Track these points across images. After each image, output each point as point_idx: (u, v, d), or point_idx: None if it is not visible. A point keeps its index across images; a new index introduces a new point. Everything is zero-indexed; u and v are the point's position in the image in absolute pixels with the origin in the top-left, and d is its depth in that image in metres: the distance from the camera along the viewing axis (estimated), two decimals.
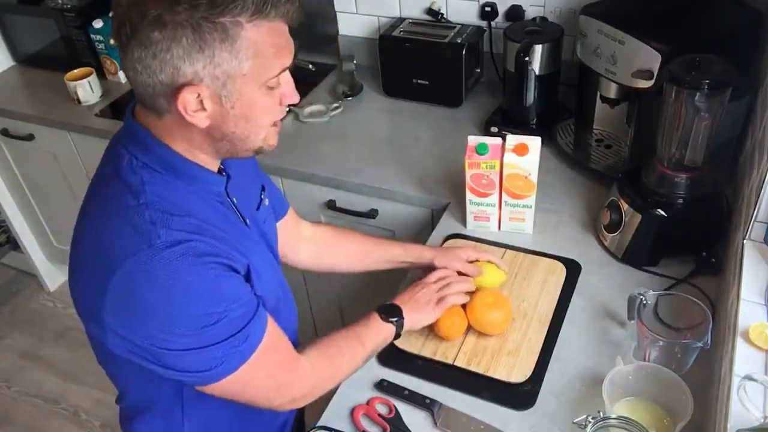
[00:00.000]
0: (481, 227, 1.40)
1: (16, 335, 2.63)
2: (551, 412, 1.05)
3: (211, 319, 0.83)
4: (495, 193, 1.34)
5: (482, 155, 1.29)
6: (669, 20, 1.34)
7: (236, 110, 0.84)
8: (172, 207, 0.84)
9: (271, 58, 0.82)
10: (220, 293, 0.84)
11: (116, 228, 0.82)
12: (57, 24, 2.16)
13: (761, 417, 0.82)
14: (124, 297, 0.81)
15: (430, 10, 1.88)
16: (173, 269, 0.80)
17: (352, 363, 1.06)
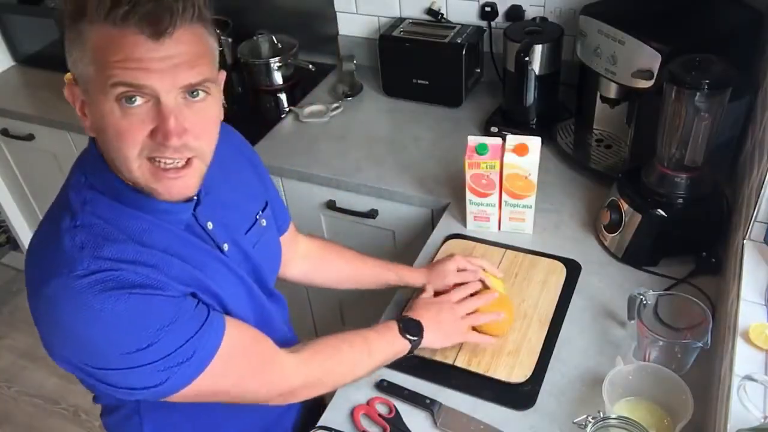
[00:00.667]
0: (481, 227, 1.40)
1: (16, 335, 2.63)
2: (551, 412, 1.05)
3: (141, 344, 0.78)
4: (495, 193, 1.34)
5: (482, 155, 1.29)
6: (669, 20, 1.34)
7: (97, 124, 0.77)
8: (110, 230, 0.80)
9: (108, 66, 0.72)
10: (146, 321, 0.78)
11: (48, 247, 0.80)
12: (57, 24, 2.16)
13: (761, 417, 0.82)
14: (48, 318, 0.78)
15: (430, 10, 1.88)
16: (95, 299, 0.75)
17: (353, 369, 1.02)
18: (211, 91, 0.79)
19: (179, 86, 0.75)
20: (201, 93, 0.78)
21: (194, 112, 0.77)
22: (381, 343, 1.05)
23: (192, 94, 0.77)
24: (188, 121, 0.77)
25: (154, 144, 0.76)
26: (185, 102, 0.77)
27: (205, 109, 0.79)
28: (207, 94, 0.79)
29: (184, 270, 0.85)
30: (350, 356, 1.02)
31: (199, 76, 0.76)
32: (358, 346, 1.03)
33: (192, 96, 0.77)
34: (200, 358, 0.83)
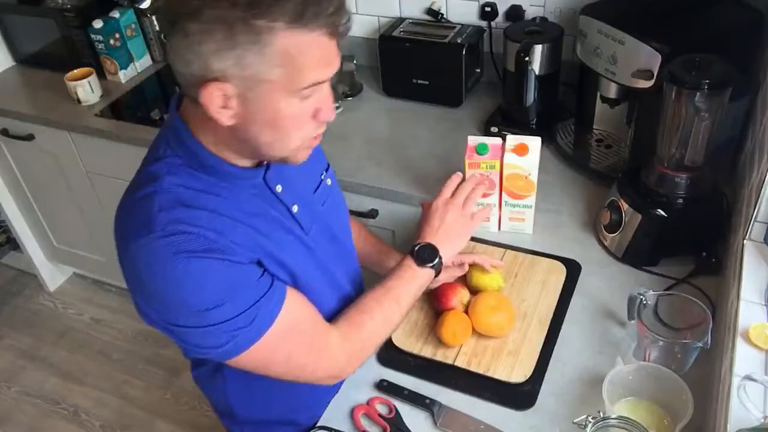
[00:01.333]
0: (482, 227, 1.40)
1: (16, 335, 2.63)
2: (551, 412, 1.05)
3: (208, 305, 0.85)
4: (495, 193, 1.34)
5: (482, 155, 1.29)
6: (669, 20, 1.34)
7: (262, 116, 0.83)
8: (185, 198, 0.87)
9: (303, 69, 0.80)
10: (212, 284, 0.85)
11: (131, 210, 0.88)
12: (57, 24, 2.16)
13: (761, 417, 0.82)
14: (133, 275, 0.87)
15: (430, 10, 1.88)
16: (167, 258, 0.83)
17: (388, 325, 1.06)
18: None
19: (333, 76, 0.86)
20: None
21: (331, 95, 0.89)
22: (405, 287, 1.07)
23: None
24: None
25: (313, 124, 0.87)
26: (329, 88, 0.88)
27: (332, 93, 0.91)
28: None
29: (252, 238, 0.90)
30: (382, 315, 1.05)
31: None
32: (386, 301, 1.05)
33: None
34: (259, 325, 0.89)
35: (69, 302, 2.75)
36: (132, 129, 1.97)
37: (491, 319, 1.15)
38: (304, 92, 0.82)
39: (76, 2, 2.15)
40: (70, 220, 2.45)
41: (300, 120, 0.85)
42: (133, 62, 2.22)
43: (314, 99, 0.84)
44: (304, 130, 0.87)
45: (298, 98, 0.82)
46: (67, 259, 2.70)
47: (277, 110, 0.82)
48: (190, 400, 2.30)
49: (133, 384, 2.39)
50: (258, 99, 0.81)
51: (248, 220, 0.91)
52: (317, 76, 0.82)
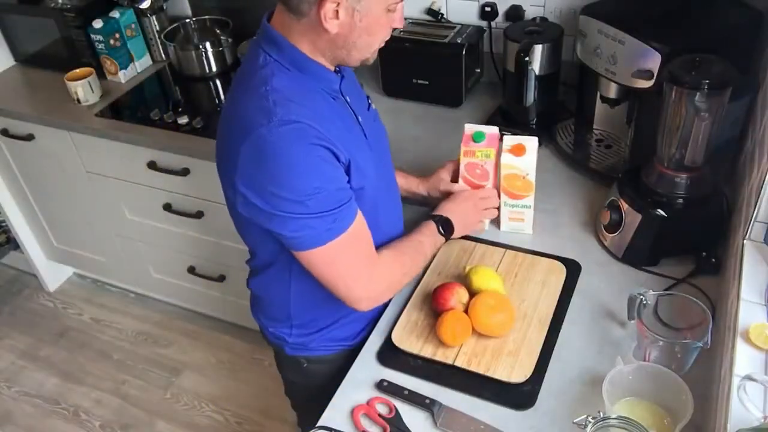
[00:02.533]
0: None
1: (16, 335, 2.63)
2: (551, 412, 1.05)
3: (310, 191, 1.00)
4: (489, 184, 1.34)
5: (478, 143, 1.30)
6: (669, 20, 1.34)
7: (362, 24, 1.00)
8: (292, 95, 1.01)
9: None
10: (320, 172, 1.01)
11: (248, 106, 1.02)
12: (57, 24, 2.16)
13: (761, 417, 0.82)
14: (249, 162, 1.00)
15: (430, 10, 1.88)
16: (285, 143, 0.98)
17: (416, 269, 1.24)
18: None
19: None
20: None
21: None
22: (431, 243, 1.26)
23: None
24: None
25: (390, 30, 1.07)
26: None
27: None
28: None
29: (345, 139, 1.05)
30: (416, 259, 1.23)
31: None
32: (421, 249, 1.24)
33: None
34: (338, 227, 1.04)
35: (69, 302, 2.75)
36: (132, 129, 1.97)
37: (491, 319, 1.15)
38: (394, 5, 1.01)
39: (76, 2, 2.15)
40: (70, 220, 2.45)
41: (386, 29, 1.05)
42: (133, 62, 2.22)
43: (396, 12, 1.03)
44: (385, 36, 1.06)
45: (387, 9, 1.01)
46: (67, 259, 2.70)
47: (376, 20, 1.01)
48: (190, 400, 2.31)
49: (133, 384, 2.39)
50: (363, 9, 0.98)
51: (336, 121, 1.06)
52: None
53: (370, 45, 1.06)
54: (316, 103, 1.05)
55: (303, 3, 0.98)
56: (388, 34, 1.07)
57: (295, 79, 1.04)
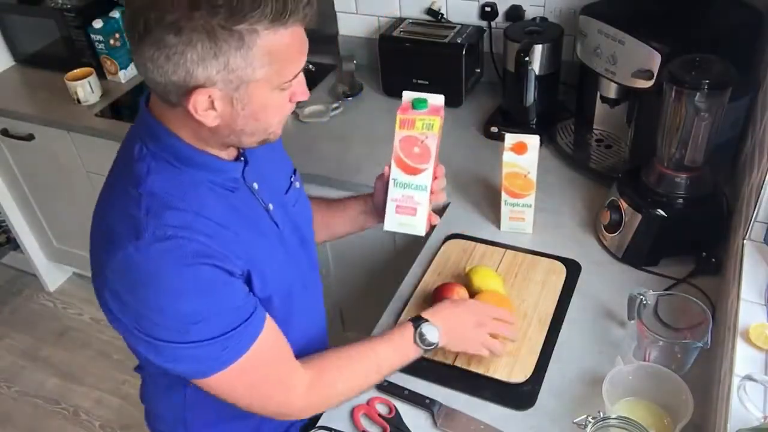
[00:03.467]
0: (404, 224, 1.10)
1: (16, 335, 2.63)
2: (551, 412, 1.05)
3: (193, 319, 0.85)
4: (428, 168, 1.05)
5: (419, 110, 1.06)
6: (669, 20, 1.34)
7: (246, 111, 0.84)
8: (171, 199, 0.85)
9: (286, 63, 0.83)
10: (202, 295, 0.85)
11: (114, 213, 0.87)
12: (57, 24, 2.16)
13: (761, 417, 0.82)
14: (117, 282, 0.84)
15: (430, 10, 1.88)
16: (158, 266, 0.82)
17: (357, 390, 1.04)
18: None
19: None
20: None
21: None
22: (391, 359, 1.04)
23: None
24: None
25: (290, 106, 0.91)
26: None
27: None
28: None
29: (238, 243, 0.90)
30: (356, 381, 1.02)
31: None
32: (368, 363, 1.03)
33: None
34: (236, 349, 0.88)
35: (69, 302, 2.75)
36: None
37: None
38: (288, 84, 0.86)
39: (76, 2, 2.15)
40: (70, 220, 2.45)
41: (281, 108, 0.89)
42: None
43: (293, 86, 0.88)
44: (284, 114, 0.91)
45: (279, 90, 0.85)
46: (67, 259, 2.70)
47: (263, 104, 0.85)
48: None
49: (133, 384, 2.38)
50: (244, 97, 0.83)
51: (231, 221, 0.91)
52: (298, 67, 0.86)
53: (263, 129, 0.89)
54: (204, 202, 0.88)
55: (170, 94, 0.81)
56: (288, 110, 0.92)
57: (176, 174, 0.88)
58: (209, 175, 0.91)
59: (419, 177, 1.05)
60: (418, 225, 1.07)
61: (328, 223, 1.27)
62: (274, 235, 1.00)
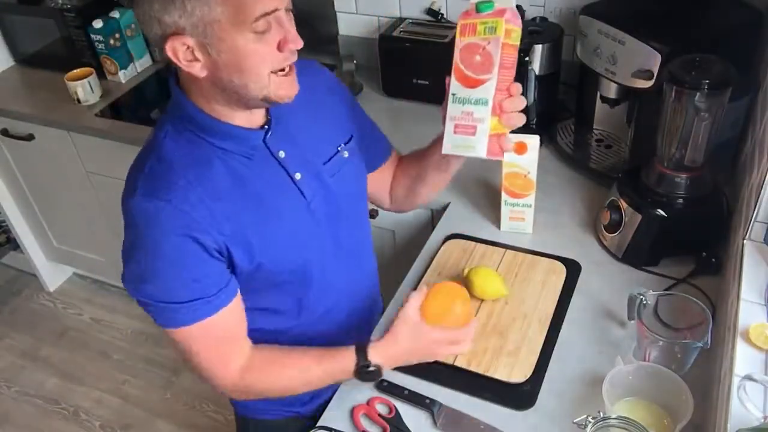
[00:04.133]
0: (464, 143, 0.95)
1: (16, 335, 2.63)
2: (551, 412, 1.05)
3: (147, 278, 0.92)
4: (491, 78, 0.89)
5: (483, 12, 0.91)
6: (669, 20, 1.34)
7: (224, 58, 0.84)
8: (175, 166, 0.91)
9: (243, 4, 0.81)
10: (167, 263, 0.91)
11: (131, 169, 0.95)
12: (57, 24, 2.16)
13: (761, 417, 0.82)
14: (123, 222, 0.94)
15: (430, 10, 1.88)
16: (140, 221, 0.90)
17: (287, 392, 1.06)
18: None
19: (286, 5, 0.86)
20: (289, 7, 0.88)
21: (292, 23, 0.88)
22: (326, 379, 1.04)
23: (288, 11, 0.88)
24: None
25: (281, 56, 0.87)
26: (287, 16, 0.87)
27: (293, 20, 0.89)
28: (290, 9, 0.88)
29: (228, 216, 0.92)
30: (290, 383, 1.04)
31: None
32: (299, 377, 1.03)
33: (289, 12, 0.88)
34: (194, 313, 0.94)
35: (69, 302, 2.75)
36: (132, 129, 1.97)
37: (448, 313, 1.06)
38: (257, 25, 0.82)
39: (76, 2, 2.15)
40: (70, 220, 2.45)
41: (263, 55, 0.85)
42: (133, 62, 2.22)
43: (274, 31, 0.85)
44: (270, 63, 0.86)
45: (251, 32, 0.83)
46: (67, 259, 2.70)
47: (236, 49, 0.83)
48: (190, 400, 2.30)
49: (133, 384, 2.39)
50: (215, 42, 0.83)
51: (232, 194, 0.93)
52: (262, 6, 0.82)
53: (254, 81, 0.87)
54: (207, 173, 0.92)
55: (159, 50, 0.86)
56: (278, 61, 0.87)
57: (189, 143, 0.92)
58: (227, 143, 0.94)
59: (480, 89, 0.89)
60: (477, 145, 0.91)
61: (421, 177, 1.18)
62: (297, 205, 1.01)
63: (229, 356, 1.00)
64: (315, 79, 1.07)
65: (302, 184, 1.01)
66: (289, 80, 0.91)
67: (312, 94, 1.03)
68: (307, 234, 1.03)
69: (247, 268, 0.97)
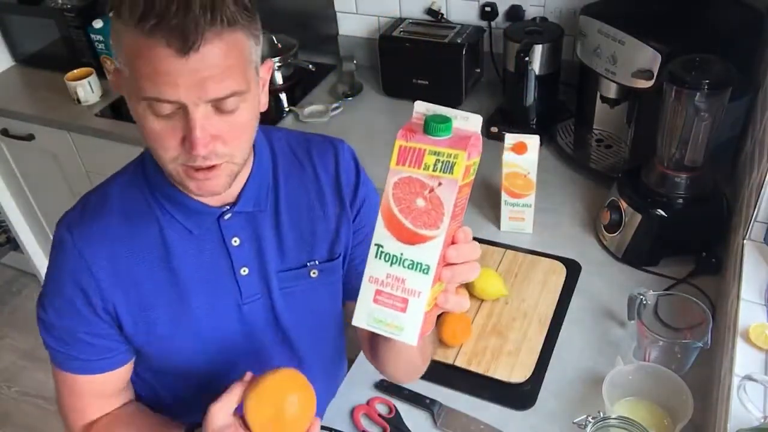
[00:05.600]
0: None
1: (16, 335, 2.63)
2: (551, 412, 1.05)
3: (48, 308, 0.89)
4: (438, 236, 0.62)
5: (437, 137, 0.62)
6: (669, 20, 1.34)
7: (134, 114, 0.76)
8: (102, 210, 0.87)
9: (139, 77, 0.71)
10: (60, 306, 0.87)
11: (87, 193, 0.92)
12: (57, 24, 2.16)
13: (761, 417, 0.82)
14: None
15: (430, 10, 1.88)
16: (53, 255, 0.88)
17: None
18: (245, 97, 0.76)
19: (206, 100, 0.72)
20: (231, 104, 0.75)
21: (224, 120, 0.76)
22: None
23: (222, 105, 0.74)
24: (216, 128, 0.75)
25: (182, 151, 0.75)
26: (216, 111, 0.75)
27: (235, 118, 0.76)
28: (238, 104, 0.76)
29: (137, 293, 0.88)
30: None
31: (226, 90, 0.73)
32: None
33: (224, 106, 0.74)
34: (56, 360, 0.92)
35: None
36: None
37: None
38: (155, 107, 0.72)
39: (76, 2, 2.15)
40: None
41: (162, 138, 0.75)
42: None
43: (179, 123, 0.74)
44: (169, 151, 0.76)
45: (149, 110, 0.73)
46: None
47: (138, 115, 0.75)
48: None
49: None
50: (129, 98, 0.76)
51: (146, 261, 0.87)
52: (154, 91, 0.71)
53: (158, 156, 0.77)
54: (134, 232, 0.86)
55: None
56: (183, 157, 0.76)
57: (141, 193, 0.87)
58: (175, 210, 0.87)
59: (419, 249, 0.63)
60: (407, 327, 0.63)
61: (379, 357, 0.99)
62: (227, 301, 0.92)
63: (88, 411, 0.98)
64: (322, 169, 0.95)
65: (244, 282, 0.91)
66: (200, 178, 0.78)
67: (304, 194, 0.94)
68: (227, 337, 0.93)
69: (131, 335, 0.90)
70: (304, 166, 0.95)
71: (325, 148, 0.97)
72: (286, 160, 0.94)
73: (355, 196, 0.97)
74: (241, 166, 0.82)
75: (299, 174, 0.95)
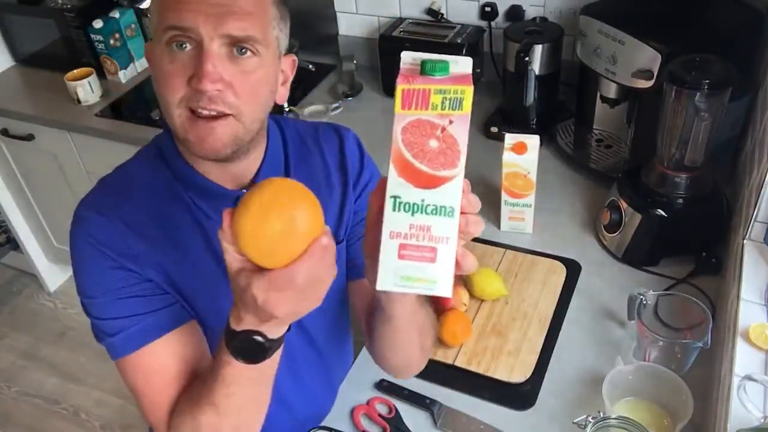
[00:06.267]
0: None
1: (16, 335, 2.63)
2: (551, 412, 1.05)
3: (89, 293, 0.86)
4: (458, 174, 0.59)
5: (435, 76, 0.60)
6: (669, 20, 1.34)
7: (152, 69, 0.78)
8: (126, 187, 0.86)
9: (161, 9, 0.74)
10: (96, 281, 0.85)
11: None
12: (57, 24, 2.16)
13: (761, 417, 0.82)
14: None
15: (430, 10, 1.88)
16: (74, 237, 0.86)
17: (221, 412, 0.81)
18: (261, 53, 0.77)
19: (221, 33, 0.73)
20: (248, 51, 0.75)
21: (238, 68, 0.75)
22: (225, 390, 0.76)
23: (239, 51, 0.75)
24: (228, 73, 0.75)
25: (187, 89, 0.74)
26: (229, 55, 0.75)
27: (250, 69, 0.76)
28: (254, 55, 0.76)
29: (165, 253, 0.85)
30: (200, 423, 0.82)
31: (243, 31, 0.73)
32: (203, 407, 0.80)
33: (239, 52, 0.75)
34: (119, 345, 0.87)
35: (69, 302, 2.75)
36: (132, 129, 1.97)
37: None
38: (167, 36, 0.73)
39: (76, 2, 2.15)
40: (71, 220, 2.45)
41: (172, 77, 0.74)
42: (133, 62, 2.22)
43: (187, 58, 0.74)
44: (177, 92, 0.75)
45: (166, 50, 0.74)
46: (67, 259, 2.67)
47: (157, 62, 0.76)
48: None
49: None
50: (151, 50, 0.78)
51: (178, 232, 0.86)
52: (174, 18, 0.72)
53: (165, 104, 0.77)
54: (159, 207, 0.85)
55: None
56: (189, 98, 0.75)
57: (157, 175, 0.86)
58: (195, 196, 0.86)
59: (442, 191, 0.60)
60: (439, 278, 0.59)
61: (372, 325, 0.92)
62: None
63: (160, 405, 0.86)
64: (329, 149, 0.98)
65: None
66: (202, 127, 0.76)
67: (314, 179, 0.94)
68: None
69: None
70: (313, 153, 0.97)
71: (331, 134, 1.01)
72: (297, 147, 0.95)
73: (359, 177, 0.99)
74: (248, 133, 0.80)
75: (309, 160, 0.96)
